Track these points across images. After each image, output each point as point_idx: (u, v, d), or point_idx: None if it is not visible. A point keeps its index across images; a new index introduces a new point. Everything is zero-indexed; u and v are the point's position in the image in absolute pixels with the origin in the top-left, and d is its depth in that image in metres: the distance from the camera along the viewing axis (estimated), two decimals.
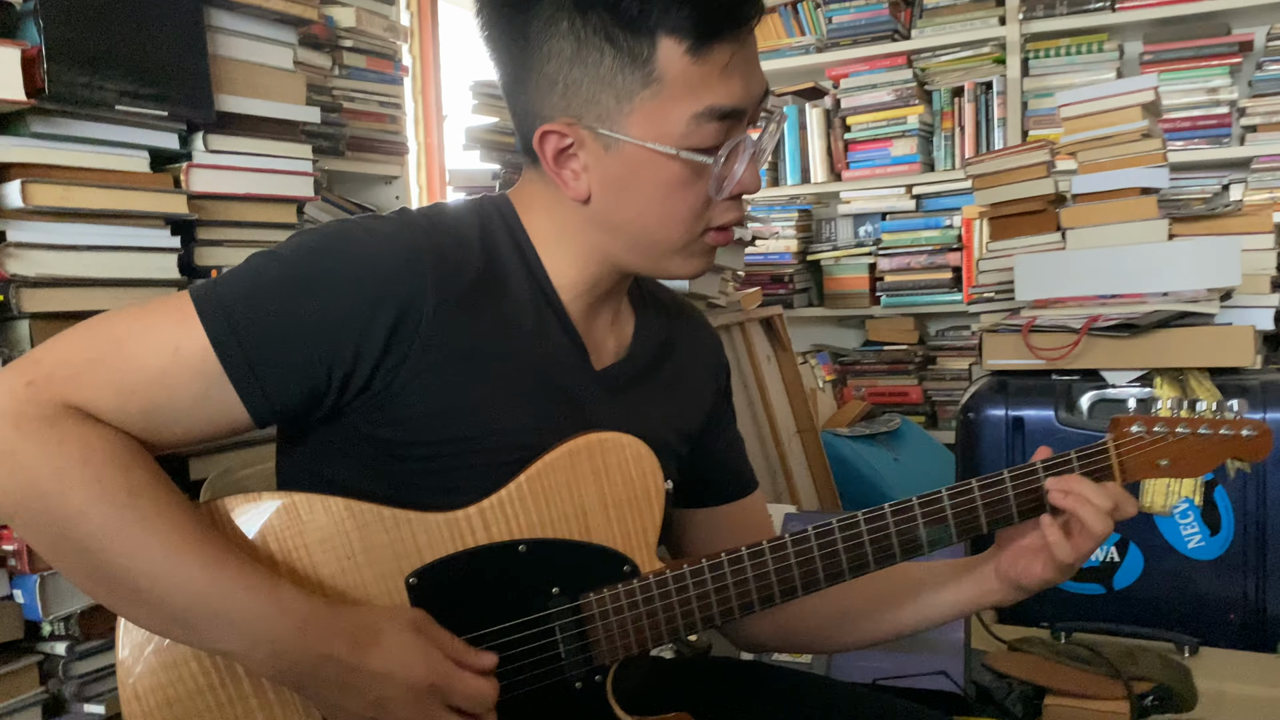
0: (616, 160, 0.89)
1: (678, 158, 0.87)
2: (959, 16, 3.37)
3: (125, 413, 0.81)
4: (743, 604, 0.95)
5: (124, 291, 1.29)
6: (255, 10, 1.47)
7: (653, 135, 0.87)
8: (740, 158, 0.90)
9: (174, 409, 0.82)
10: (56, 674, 1.19)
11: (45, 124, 1.23)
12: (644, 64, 0.85)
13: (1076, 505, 0.94)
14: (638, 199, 0.90)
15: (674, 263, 0.95)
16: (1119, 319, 1.87)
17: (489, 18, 0.92)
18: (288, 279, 0.85)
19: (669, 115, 0.86)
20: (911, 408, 3.53)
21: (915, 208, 3.53)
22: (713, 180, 0.90)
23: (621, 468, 0.93)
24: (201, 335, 0.82)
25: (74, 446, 0.78)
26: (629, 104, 0.86)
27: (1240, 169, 3.14)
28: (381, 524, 0.88)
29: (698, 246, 0.95)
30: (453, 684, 0.85)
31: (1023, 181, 2.16)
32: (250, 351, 0.82)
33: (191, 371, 0.82)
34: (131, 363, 0.81)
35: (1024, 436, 1.93)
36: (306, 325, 0.83)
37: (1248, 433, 0.98)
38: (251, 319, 0.83)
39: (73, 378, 0.79)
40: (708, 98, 0.86)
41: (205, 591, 0.79)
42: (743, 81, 0.88)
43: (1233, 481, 1.79)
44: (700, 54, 0.85)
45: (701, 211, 0.92)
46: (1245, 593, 1.80)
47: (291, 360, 0.84)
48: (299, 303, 0.84)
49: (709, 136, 0.88)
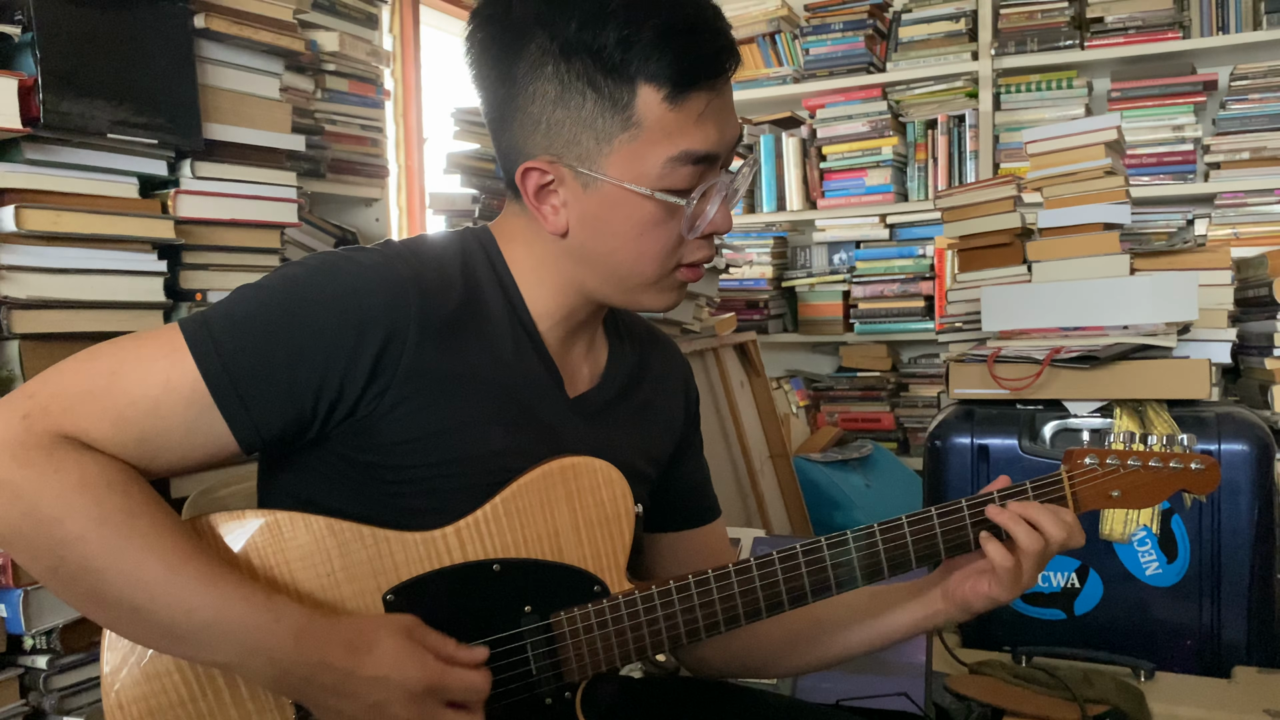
0: (594, 198, 0.93)
1: (652, 198, 0.91)
2: (933, 51, 3.45)
3: (120, 442, 0.83)
4: (709, 624, 0.98)
5: (111, 314, 1.32)
6: (245, 42, 1.51)
7: (629, 176, 0.91)
8: (712, 199, 0.94)
9: (167, 438, 0.85)
10: (37, 687, 1.21)
11: (39, 151, 1.27)
12: (624, 109, 0.89)
13: (1008, 521, 0.98)
14: (613, 236, 0.94)
15: (646, 296, 0.99)
16: (1080, 351, 1.92)
17: (477, 57, 0.96)
18: (275, 310, 0.88)
19: (646, 158, 0.90)
20: (884, 434, 3.58)
21: (889, 237, 3.59)
22: (685, 220, 0.93)
23: (593, 491, 0.96)
24: (192, 366, 0.84)
25: (71, 473, 0.80)
26: (608, 146, 0.90)
27: (1204, 204, 3.22)
28: (361, 542, 0.91)
29: (669, 282, 0.98)
30: (448, 681, 0.87)
31: (990, 215, 2.21)
32: (239, 382, 0.85)
33: (183, 402, 0.84)
34: (125, 395, 0.83)
35: (989, 464, 1.97)
36: (294, 355, 0.86)
37: (1196, 466, 1.02)
38: (240, 350, 0.85)
39: (68, 410, 0.82)
40: (683, 143, 0.90)
41: (202, 606, 0.82)
42: (717, 128, 0.92)
43: (1189, 511, 1.84)
44: (677, 102, 0.89)
45: (674, 249, 0.95)
46: (1201, 619, 1.84)
47: (279, 390, 0.86)
48: (286, 333, 0.86)
49: (683, 179, 0.91)
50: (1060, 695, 1.49)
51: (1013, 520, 0.99)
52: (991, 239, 2.22)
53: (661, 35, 0.87)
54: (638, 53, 0.87)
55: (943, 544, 1.01)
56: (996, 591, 1.01)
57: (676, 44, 0.87)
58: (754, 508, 2.51)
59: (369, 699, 0.85)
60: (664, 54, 0.87)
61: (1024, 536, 0.98)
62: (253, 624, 0.83)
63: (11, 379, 1.22)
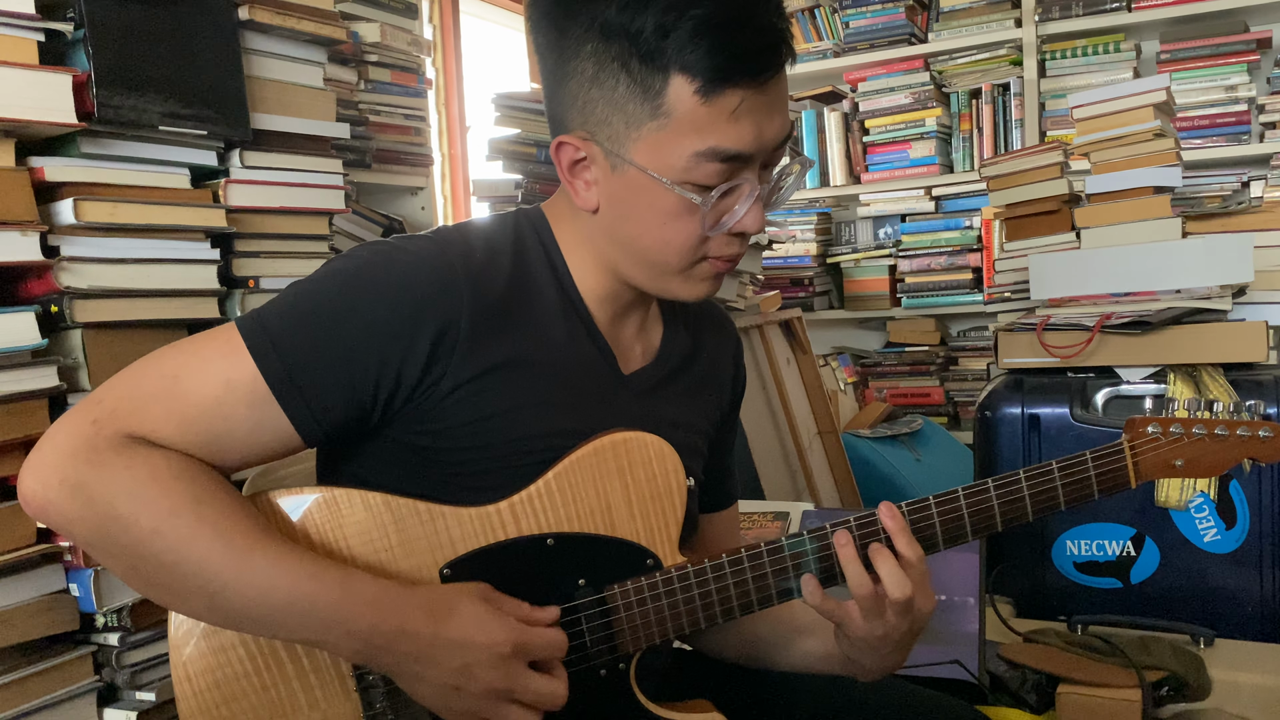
0: (621, 181, 0.92)
1: (673, 190, 0.90)
2: (975, 19, 3.40)
3: (187, 442, 0.85)
4: (761, 598, 0.98)
5: (168, 302, 1.35)
6: (288, 33, 1.53)
7: (654, 164, 0.89)
8: (743, 199, 0.92)
9: (231, 436, 0.87)
10: (110, 663, 1.25)
11: (94, 145, 1.30)
12: (654, 96, 0.87)
13: (845, 560, 0.95)
14: (638, 221, 0.93)
15: (675, 284, 0.97)
16: (1132, 316, 1.90)
17: (534, 25, 0.96)
18: (329, 305, 0.89)
19: (672, 149, 0.88)
20: (933, 409, 3.55)
21: (934, 209, 3.55)
22: (705, 217, 0.91)
23: (645, 465, 0.97)
24: (251, 365, 0.86)
25: (141, 469, 0.82)
26: (636, 131, 0.89)
27: (1260, 166, 3.14)
28: (417, 518, 0.92)
29: (697, 273, 0.97)
30: (531, 640, 0.89)
31: (1037, 182, 2.19)
32: (297, 378, 0.87)
33: (244, 401, 0.86)
34: (187, 396, 0.85)
35: (1040, 434, 1.95)
36: (351, 349, 0.87)
37: (1265, 434, 0.98)
38: (296, 347, 0.87)
39: (134, 412, 0.84)
40: (712, 139, 0.88)
41: (275, 588, 0.83)
42: (754, 126, 0.88)
43: (1248, 476, 1.81)
44: (710, 96, 0.86)
45: (698, 243, 0.94)
46: (1262, 585, 1.82)
47: (338, 383, 0.88)
48: (342, 327, 0.88)
49: (709, 175, 0.89)
50: (1117, 662, 1.48)
51: (846, 559, 0.94)
52: (1039, 206, 2.20)
53: (700, 26, 0.84)
54: (674, 41, 0.85)
55: (999, 514, 0.99)
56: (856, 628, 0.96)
57: (715, 37, 0.85)
58: (803, 485, 2.51)
59: (454, 662, 0.86)
60: (699, 46, 0.85)
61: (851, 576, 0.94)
62: (326, 600, 0.84)
63: (76, 367, 1.26)
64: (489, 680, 0.86)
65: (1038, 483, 0.98)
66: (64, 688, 1.21)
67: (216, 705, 0.91)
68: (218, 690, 0.91)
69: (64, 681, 1.22)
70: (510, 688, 0.87)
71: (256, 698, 0.91)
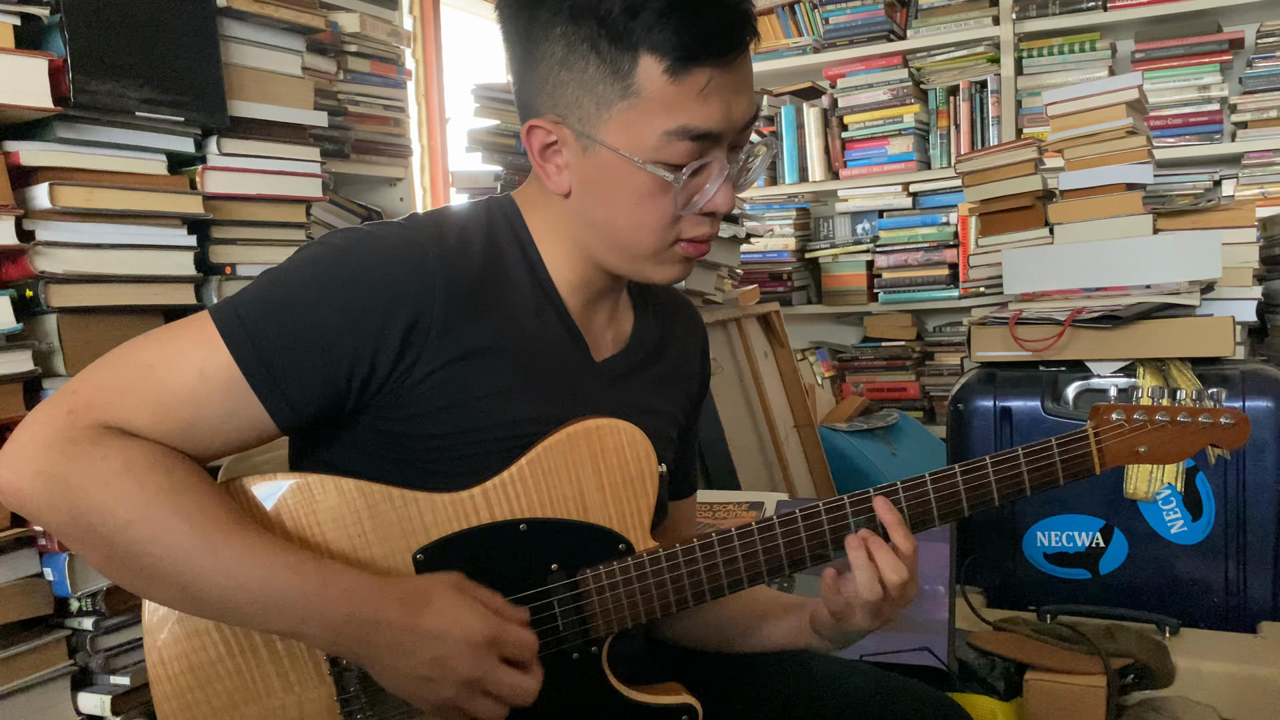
0: (593, 163, 0.93)
1: (644, 169, 0.91)
2: (953, 17, 3.43)
3: (163, 431, 0.85)
4: (731, 581, 0.99)
5: (145, 288, 1.35)
6: (265, 20, 1.52)
7: (625, 144, 0.91)
8: (713, 178, 0.93)
9: (207, 425, 0.87)
10: (84, 647, 1.25)
11: (70, 130, 1.30)
12: (624, 77, 0.89)
13: (851, 548, 0.98)
14: (610, 203, 0.94)
15: (648, 267, 0.98)
16: (1102, 311, 1.92)
17: (502, 14, 0.97)
18: (303, 292, 0.89)
19: (642, 128, 0.90)
20: (909, 403, 3.58)
21: (912, 205, 3.58)
22: (677, 196, 0.92)
23: (618, 451, 0.98)
24: (225, 354, 0.86)
25: (116, 458, 0.82)
26: (607, 112, 0.90)
27: (1232, 165, 3.19)
28: (390, 503, 0.93)
29: (669, 255, 0.98)
30: (506, 634, 0.89)
31: (1011, 178, 2.21)
32: (272, 365, 0.87)
33: (219, 389, 0.86)
34: (163, 386, 0.85)
35: (1011, 426, 1.98)
36: (325, 336, 0.88)
37: (1226, 420, 1.00)
38: (271, 334, 0.87)
39: (109, 403, 0.84)
40: (681, 117, 0.89)
41: (249, 577, 0.83)
42: (722, 106, 0.90)
43: (1214, 468, 1.84)
44: (679, 75, 0.87)
45: (670, 223, 0.95)
46: (1227, 576, 1.85)
47: (313, 370, 0.88)
48: (315, 314, 0.88)
49: (680, 154, 0.90)
50: (1083, 650, 1.51)
51: (853, 546, 0.98)
52: (1013, 202, 2.22)
53: (667, 6, 0.86)
54: (642, 21, 0.86)
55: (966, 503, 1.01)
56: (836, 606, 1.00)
57: (682, 16, 0.86)
58: (779, 477, 2.53)
59: (429, 653, 0.86)
60: (667, 25, 0.86)
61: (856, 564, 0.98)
62: (301, 591, 0.84)
63: (51, 351, 1.26)
64: (463, 671, 0.87)
65: (1004, 468, 1.00)
66: (38, 672, 1.21)
67: (191, 689, 0.91)
68: (192, 675, 0.91)
69: (38, 666, 1.21)
70: (482, 678, 0.88)
71: (231, 682, 0.91)
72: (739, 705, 1.11)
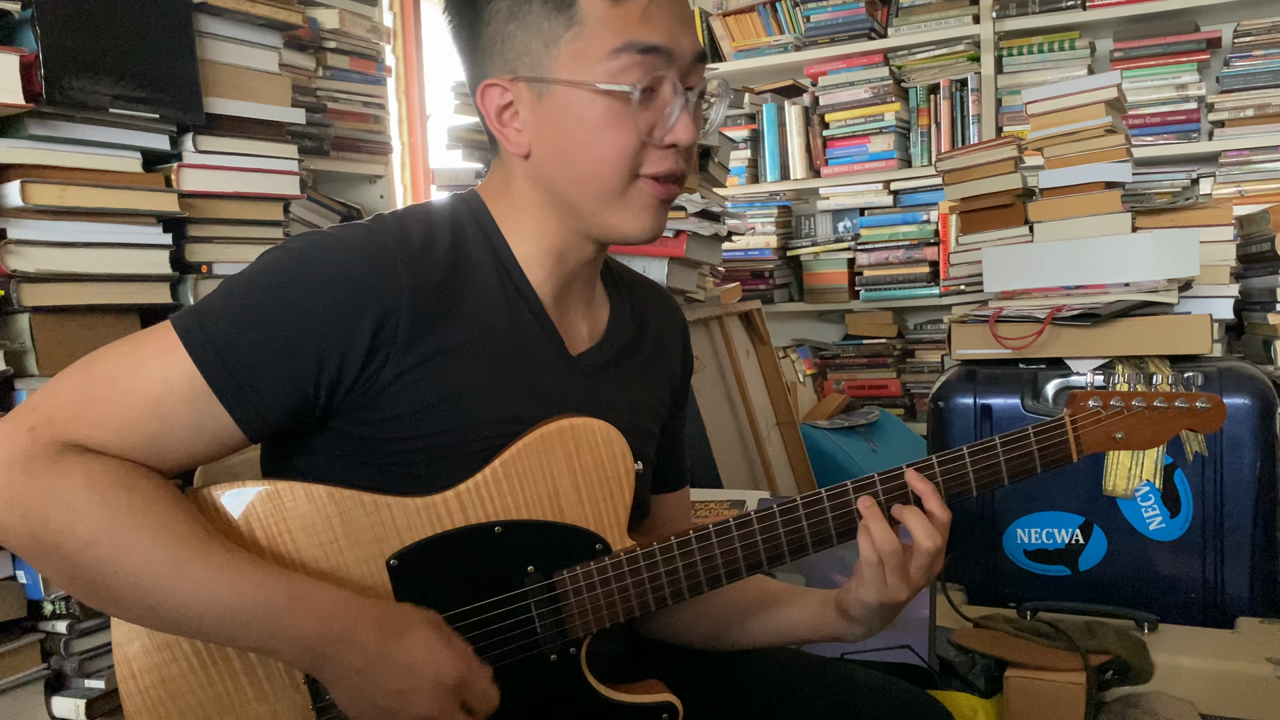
0: (548, 106, 0.93)
1: (598, 91, 0.91)
2: (934, 15, 3.43)
3: (127, 445, 0.84)
4: (710, 579, 0.99)
5: (119, 286, 1.34)
6: (241, 15, 1.51)
7: (577, 73, 0.91)
8: (672, 104, 0.93)
9: (173, 437, 0.85)
10: (58, 651, 1.24)
11: (43, 126, 1.28)
12: (567, 8, 0.91)
13: (869, 516, 0.97)
14: (570, 142, 0.93)
15: (616, 213, 0.96)
16: (1082, 309, 1.93)
17: (447, 8, 0.99)
18: (266, 298, 0.87)
19: (590, 52, 0.91)
20: (891, 400, 3.59)
21: (893, 203, 3.59)
22: (637, 120, 0.92)
23: (592, 451, 0.97)
24: (189, 364, 0.84)
25: (78, 475, 0.81)
26: (555, 47, 0.92)
27: (1209, 163, 3.21)
28: (362, 509, 0.91)
29: (636, 195, 0.96)
30: (474, 683, 0.89)
31: (991, 176, 2.21)
32: (237, 374, 0.85)
33: (184, 400, 0.84)
34: (126, 400, 0.84)
35: (992, 423, 1.98)
36: (290, 342, 0.86)
37: (1201, 404, 1.00)
38: (235, 342, 0.85)
39: (72, 419, 0.82)
40: (626, 34, 0.90)
41: (216, 596, 0.82)
42: (665, 25, 0.92)
43: (1191, 465, 1.85)
44: None
45: (634, 153, 0.93)
46: (1205, 572, 1.86)
47: (279, 377, 0.87)
48: (280, 320, 0.86)
49: (631, 71, 0.91)
50: (1063, 647, 1.51)
51: (871, 515, 0.97)
52: (993, 200, 2.23)
53: None
54: None
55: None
56: (865, 592, 0.99)
57: None
58: (760, 474, 2.53)
59: (395, 684, 0.85)
60: None
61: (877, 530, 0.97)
62: (271, 609, 0.83)
63: (24, 351, 1.25)
64: (423, 709, 0.86)
65: (981, 457, 1.00)
66: (10, 676, 1.20)
67: (163, 701, 0.90)
68: (163, 687, 0.90)
69: (11, 669, 1.20)
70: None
71: (204, 693, 0.90)
72: (719, 703, 1.11)
